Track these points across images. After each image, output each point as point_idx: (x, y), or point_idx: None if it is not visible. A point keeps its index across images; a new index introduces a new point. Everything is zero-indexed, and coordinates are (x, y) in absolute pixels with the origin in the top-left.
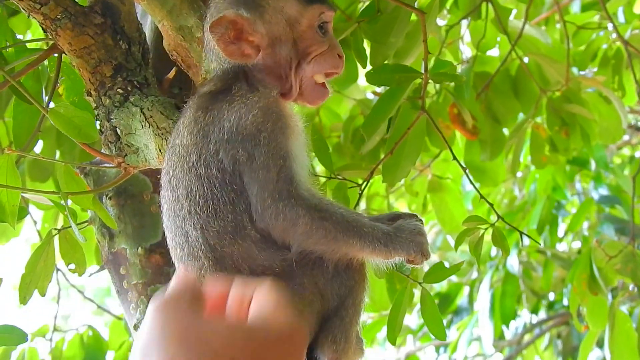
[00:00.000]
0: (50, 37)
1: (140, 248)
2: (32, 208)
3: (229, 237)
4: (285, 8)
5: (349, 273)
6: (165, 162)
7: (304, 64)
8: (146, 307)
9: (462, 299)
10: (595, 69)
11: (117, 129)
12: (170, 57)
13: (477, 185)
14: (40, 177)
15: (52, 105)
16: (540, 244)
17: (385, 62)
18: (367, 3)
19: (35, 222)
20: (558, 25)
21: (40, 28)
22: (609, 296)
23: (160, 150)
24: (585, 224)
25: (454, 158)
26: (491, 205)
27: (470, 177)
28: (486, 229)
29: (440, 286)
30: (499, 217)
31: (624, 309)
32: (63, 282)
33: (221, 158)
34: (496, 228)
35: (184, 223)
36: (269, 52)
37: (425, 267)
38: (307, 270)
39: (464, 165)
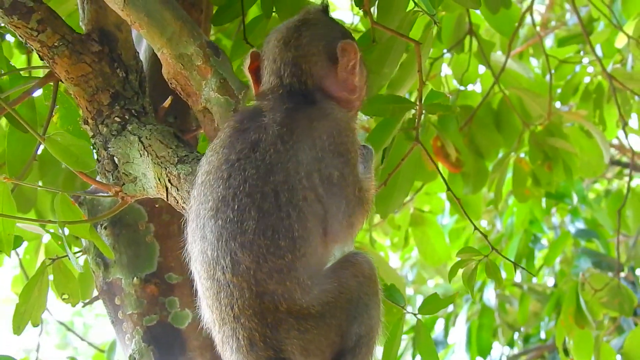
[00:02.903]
0: (47, 64)
1: (135, 278)
2: None
3: (277, 276)
4: None
5: (370, 312)
6: (216, 175)
7: None
8: (141, 337)
9: (437, 333)
10: (574, 104)
11: (114, 157)
12: (170, 85)
13: (456, 218)
14: (24, 207)
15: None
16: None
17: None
18: (361, 33)
19: (17, 254)
20: (532, 59)
21: (37, 56)
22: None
23: (159, 179)
24: (558, 258)
25: (448, 189)
26: (485, 236)
27: (463, 209)
28: (480, 260)
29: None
30: (492, 248)
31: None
32: None
33: (313, 179)
34: (490, 260)
35: (239, 250)
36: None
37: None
38: (337, 313)
39: (457, 197)
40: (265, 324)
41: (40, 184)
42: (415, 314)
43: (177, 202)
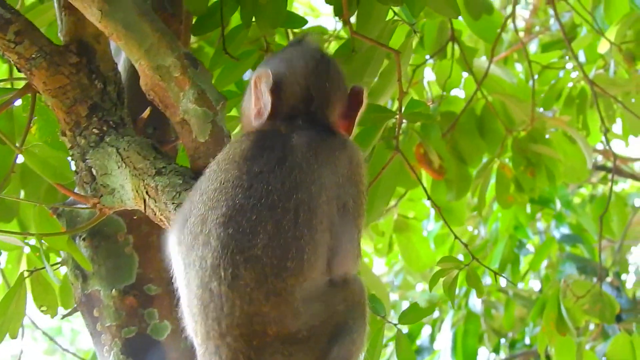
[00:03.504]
0: (25, 76)
1: (114, 290)
2: None
3: (274, 299)
4: None
5: (353, 336)
6: (235, 183)
7: None
8: (120, 350)
9: (423, 339)
10: (557, 110)
11: (92, 169)
12: (147, 97)
13: (441, 224)
14: (5, 218)
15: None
16: (513, 284)
17: None
18: (341, 42)
19: None
20: (517, 65)
21: (15, 67)
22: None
23: (137, 191)
24: (544, 263)
25: (429, 198)
26: (466, 245)
27: (443, 218)
28: (461, 269)
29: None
30: (473, 257)
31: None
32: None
33: (332, 205)
34: (471, 269)
35: (243, 264)
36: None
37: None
38: (322, 337)
39: (437, 205)
40: (251, 347)
41: (22, 194)
42: (395, 324)
43: (155, 214)
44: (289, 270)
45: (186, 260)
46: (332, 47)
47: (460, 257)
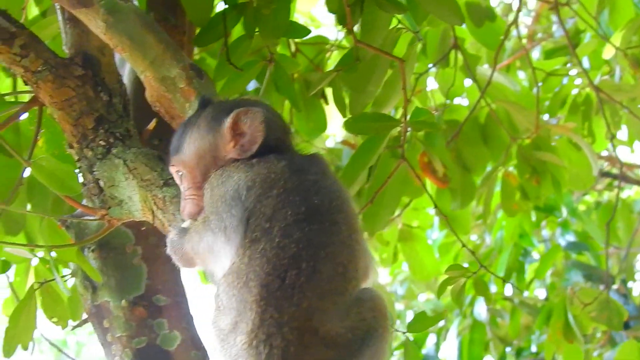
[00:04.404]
0: (31, 89)
1: (123, 301)
2: None
3: (332, 298)
4: None
5: (380, 345)
6: (301, 187)
7: None
8: None
9: (428, 348)
10: (562, 117)
11: (100, 181)
12: (153, 108)
13: (445, 232)
14: (13, 230)
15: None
16: (521, 291)
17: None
18: (346, 50)
19: (8, 276)
20: (520, 72)
21: (22, 80)
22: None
23: (145, 202)
24: (550, 271)
25: (435, 206)
26: (473, 253)
27: (450, 226)
28: (468, 277)
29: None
30: (481, 265)
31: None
32: None
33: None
34: (479, 277)
35: (322, 260)
36: None
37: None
38: (354, 345)
39: (445, 212)
40: (301, 343)
41: (28, 207)
42: (404, 332)
43: (163, 225)
44: (351, 272)
45: (250, 249)
46: (334, 57)
47: (465, 265)
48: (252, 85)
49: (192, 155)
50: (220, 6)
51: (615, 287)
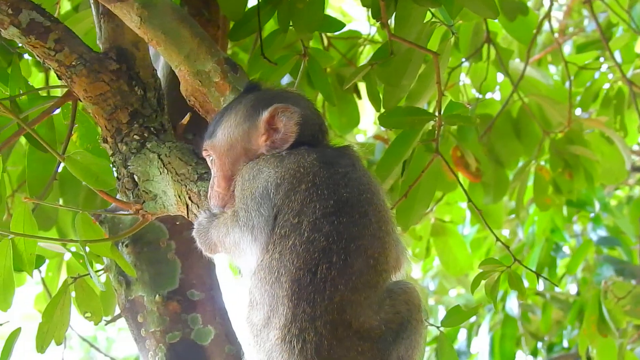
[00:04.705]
0: (65, 84)
1: (157, 295)
2: None
3: (365, 291)
4: None
5: (414, 338)
6: (330, 181)
7: None
8: (165, 355)
9: (460, 343)
10: (594, 110)
11: (134, 175)
12: (188, 102)
13: (477, 227)
14: (45, 226)
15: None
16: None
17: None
18: (378, 44)
19: (40, 271)
20: (551, 66)
21: (55, 75)
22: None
23: (179, 197)
24: (581, 266)
25: (470, 200)
26: (507, 247)
27: (484, 220)
28: (502, 272)
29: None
30: (515, 259)
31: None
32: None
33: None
34: (512, 271)
35: (355, 252)
36: None
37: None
38: (388, 337)
39: (478, 207)
40: (334, 336)
41: (60, 202)
42: (437, 327)
43: None
44: (382, 264)
45: (280, 244)
46: (366, 51)
47: None
48: (285, 80)
49: (224, 142)
50: (254, 0)
51: None
